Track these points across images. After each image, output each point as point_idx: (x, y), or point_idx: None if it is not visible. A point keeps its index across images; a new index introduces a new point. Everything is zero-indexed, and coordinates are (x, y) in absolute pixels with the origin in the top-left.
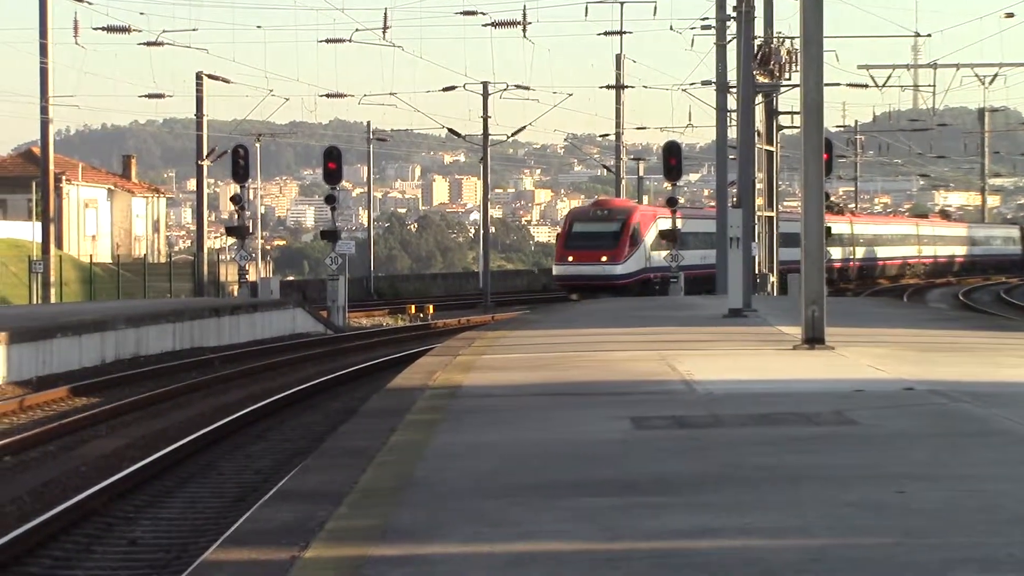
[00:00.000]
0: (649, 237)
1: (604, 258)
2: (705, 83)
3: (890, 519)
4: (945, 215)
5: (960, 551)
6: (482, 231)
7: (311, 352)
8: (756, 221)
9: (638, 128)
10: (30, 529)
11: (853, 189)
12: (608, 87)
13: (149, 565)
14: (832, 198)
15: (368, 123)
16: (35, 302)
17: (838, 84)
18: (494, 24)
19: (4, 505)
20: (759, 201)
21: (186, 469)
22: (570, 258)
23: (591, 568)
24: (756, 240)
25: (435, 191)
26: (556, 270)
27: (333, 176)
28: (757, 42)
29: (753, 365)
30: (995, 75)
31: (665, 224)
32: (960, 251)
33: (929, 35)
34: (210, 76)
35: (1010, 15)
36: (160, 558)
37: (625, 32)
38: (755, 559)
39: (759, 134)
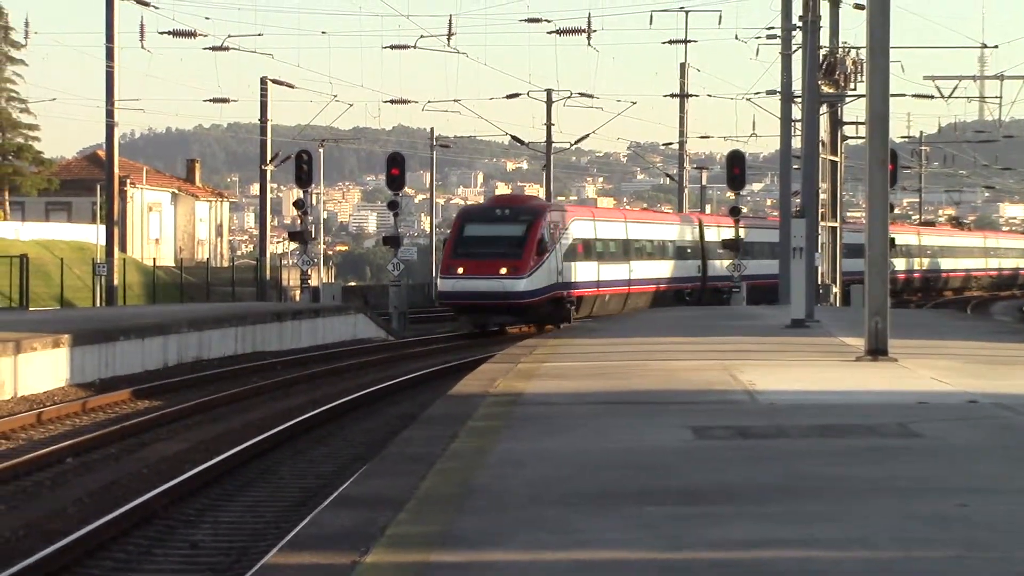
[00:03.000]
0: (563, 244)
1: (503, 270)
2: (770, 93)
3: (953, 532)
4: (957, 223)
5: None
6: None
7: (372, 358)
8: (820, 231)
9: (702, 137)
10: (92, 531)
11: (918, 200)
12: (672, 96)
13: (210, 568)
14: (896, 209)
15: (431, 129)
16: (98, 305)
17: (903, 95)
18: (559, 32)
19: (67, 507)
20: (822, 211)
21: (247, 473)
22: (459, 270)
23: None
24: (819, 251)
25: None
26: (441, 285)
27: (396, 182)
28: (823, 52)
29: (816, 376)
30: None
31: (581, 227)
32: (964, 265)
33: (996, 46)
34: (275, 81)
35: None
36: (221, 561)
37: (690, 41)
38: (817, 571)
39: (823, 144)
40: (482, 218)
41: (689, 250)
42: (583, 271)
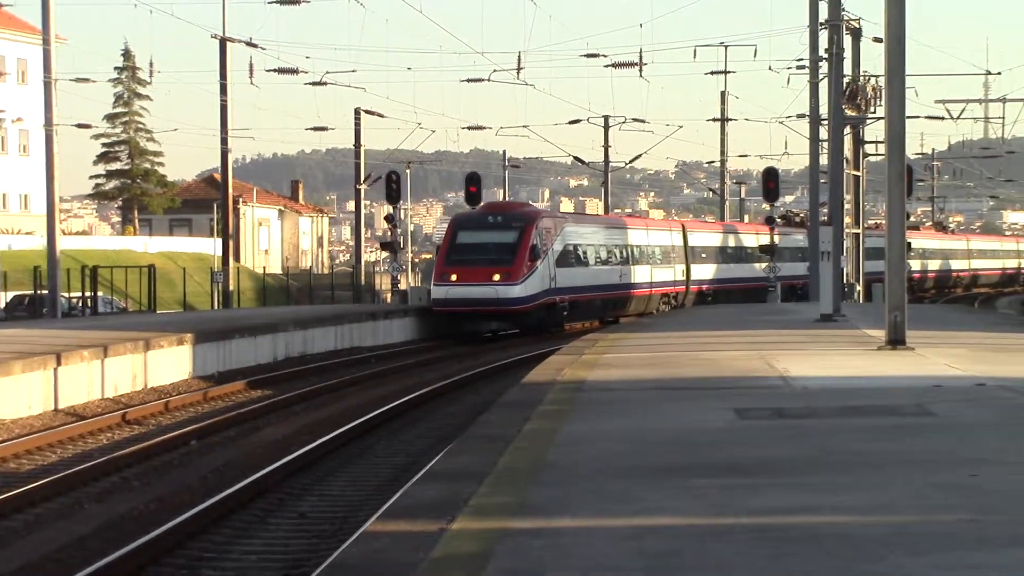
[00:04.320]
0: (555, 250)
1: (497, 277)
2: (799, 116)
3: (965, 499)
4: (941, 227)
5: None
6: None
7: (454, 351)
8: (844, 237)
9: (740, 156)
10: (214, 504)
11: (930, 209)
12: (714, 120)
13: (316, 535)
14: (912, 218)
15: (504, 152)
16: (215, 307)
17: (917, 117)
18: (614, 65)
19: (192, 483)
20: (847, 220)
21: (347, 452)
22: (453, 277)
23: (700, 540)
24: (844, 254)
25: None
26: (435, 292)
27: (474, 198)
28: (846, 80)
29: (843, 363)
30: None
31: (572, 233)
32: (947, 266)
33: (999, 73)
34: (367, 111)
35: None
36: (326, 529)
37: (729, 72)
38: (845, 533)
39: (847, 161)
40: (475, 225)
41: (674, 255)
42: (575, 276)
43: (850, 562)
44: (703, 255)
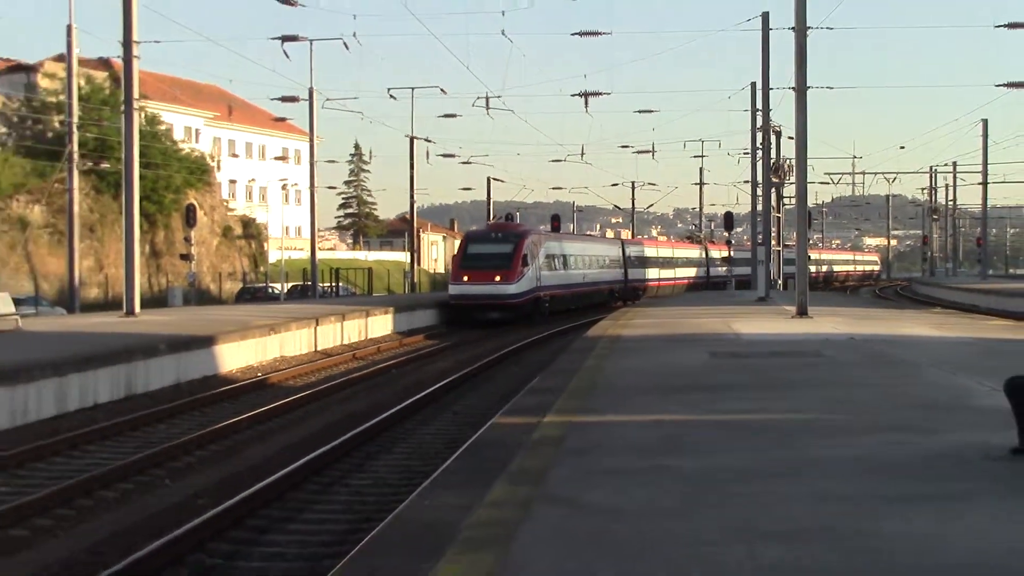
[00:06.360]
0: (540, 258)
1: (498, 278)
2: (745, 181)
3: (844, 406)
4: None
5: (883, 423)
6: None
7: (542, 321)
8: (771, 252)
9: (711, 204)
10: (406, 406)
11: (821, 236)
12: (695, 184)
13: (463, 425)
14: (810, 242)
15: (574, 202)
16: (406, 293)
17: (814, 182)
18: (638, 151)
19: (389, 395)
20: (773, 242)
21: (481, 376)
22: (465, 278)
23: (692, 428)
24: (772, 262)
25: None
26: (452, 289)
27: (556, 231)
28: (772, 160)
29: (771, 325)
30: (895, 178)
31: (552, 246)
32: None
33: (861, 157)
34: (494, 178)
35: (903, 147)
36: (469, 421)
37: (704, 156)
38: (773, 425)
39: (773, 207)
40: (481, 239)
41: (617, 261)
42: (553, 278)
43: (779, 441)
44: (636, 262)
